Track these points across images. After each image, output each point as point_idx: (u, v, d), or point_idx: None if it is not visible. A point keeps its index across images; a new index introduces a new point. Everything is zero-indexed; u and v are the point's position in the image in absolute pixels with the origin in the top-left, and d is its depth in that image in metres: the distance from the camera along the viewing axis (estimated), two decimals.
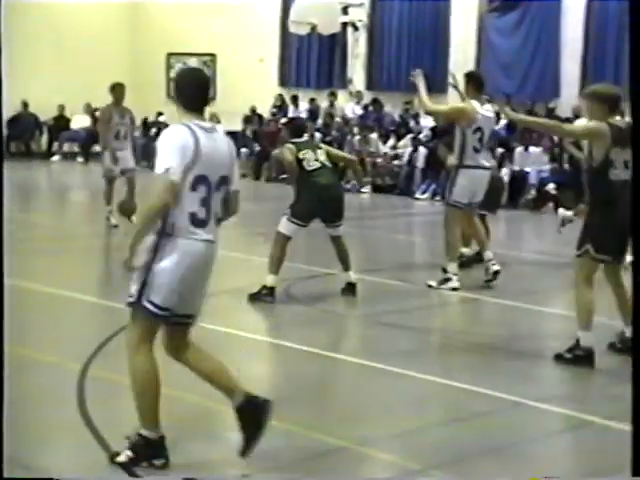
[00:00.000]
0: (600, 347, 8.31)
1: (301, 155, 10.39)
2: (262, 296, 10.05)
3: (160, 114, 26.77)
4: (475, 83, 11.51)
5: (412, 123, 22.70)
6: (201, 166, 5.43)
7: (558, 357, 8.03)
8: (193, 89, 5.71)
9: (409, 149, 21.85)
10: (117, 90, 15.31)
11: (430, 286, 11.01)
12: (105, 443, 5.92)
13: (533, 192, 19.54)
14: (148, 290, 5.47)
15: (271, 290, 10.08)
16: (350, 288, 10.59)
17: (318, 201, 10.34)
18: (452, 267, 11.10)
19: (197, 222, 5.49)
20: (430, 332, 9.61)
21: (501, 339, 8.83)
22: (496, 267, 11.20)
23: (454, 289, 10.99)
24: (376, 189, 21.82)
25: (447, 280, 11.03)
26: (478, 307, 10.82)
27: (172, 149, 5.38)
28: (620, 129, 7.90)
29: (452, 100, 22.31)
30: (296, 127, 11.15)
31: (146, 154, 25.90)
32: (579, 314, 8.05)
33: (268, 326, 9.95)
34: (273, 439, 6.48)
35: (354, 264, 10.97)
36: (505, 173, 19.52)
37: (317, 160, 10.44)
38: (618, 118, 8.10)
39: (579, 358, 7.91)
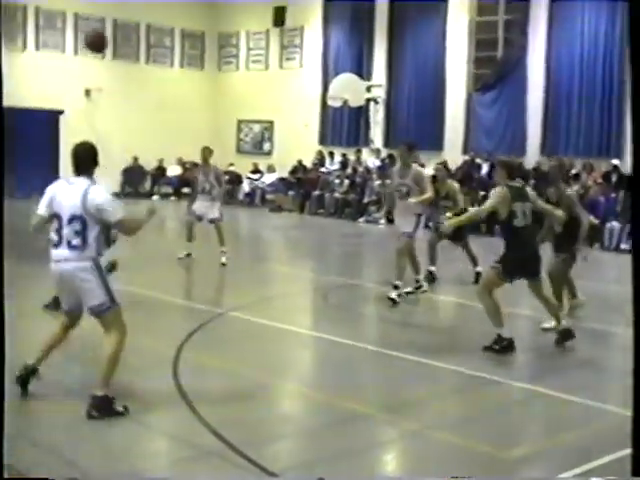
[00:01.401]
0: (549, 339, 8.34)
1: None
2: None
3: (231, 164, 26.94)
4: (413, 150, 10.75)
5: None
6: (54, 207, 5.95)
7: (487, 348, 7.93)
8: (72, 159, 6.04)
9: None
10: (203, 152, 13.66)
11: (392, 299, 10.19)
12: (191, 404, 6.05)
13: None
14: None
15: None
16: None
17: None
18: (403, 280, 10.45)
19: (53, 245, 5.95)
20: (426, 328, 9.60)
21: (476, 333, 8.80)
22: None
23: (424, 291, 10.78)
24: (389, 221, 21.72)
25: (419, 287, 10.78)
26: (464, 309, 10.77)
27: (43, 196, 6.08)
28: (517, 188, 8.03)
29: (447, 155, 22.50)
30: None
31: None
32: (490, 316, 7.99)
33: (309, 322, 9.99)
34: (309, 407, 6.56)
35: (374, 278, 10.88)
36: None
37: None
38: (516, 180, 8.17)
39: (504, 347, 7.89)
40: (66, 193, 5.96)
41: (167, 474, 5.01)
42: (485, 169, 21.16)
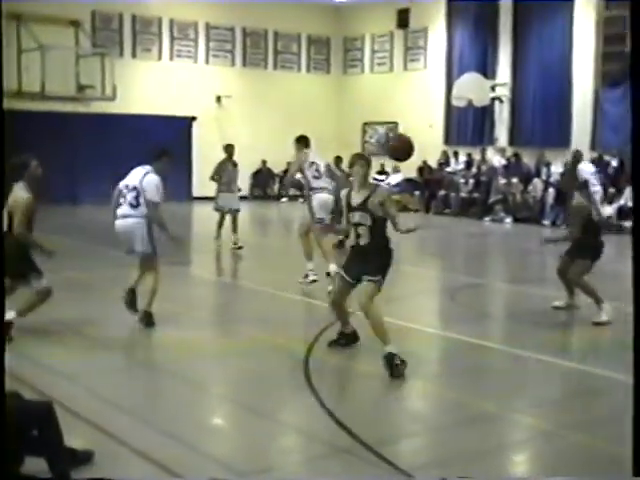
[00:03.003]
0: None
1: None
2: None
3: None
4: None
5: (544, 170, 22.21)
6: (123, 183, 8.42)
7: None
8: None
9: (540, 189, 21.39)
10: (228, 148, 15.00)
11: None
12: (323, 402, 6.11)
13: None
14: None
15: None
16: None
17: None
18: None
19: (117, 206, 8.36)
20: (559, 327, 9.34)
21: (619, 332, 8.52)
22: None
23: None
24: (516, 220, 21.36)
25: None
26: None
27: None
28: None
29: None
30: None
31: None
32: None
33: (437, 322, 9.88)
34: (439, 405, 6.51)
35: (502, 277, 10.74)
36: (613, 208, 18.90)
37: None
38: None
39: None
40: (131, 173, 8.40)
41: (303, 471, 5.08)
42: (614, 165, 20.63)
